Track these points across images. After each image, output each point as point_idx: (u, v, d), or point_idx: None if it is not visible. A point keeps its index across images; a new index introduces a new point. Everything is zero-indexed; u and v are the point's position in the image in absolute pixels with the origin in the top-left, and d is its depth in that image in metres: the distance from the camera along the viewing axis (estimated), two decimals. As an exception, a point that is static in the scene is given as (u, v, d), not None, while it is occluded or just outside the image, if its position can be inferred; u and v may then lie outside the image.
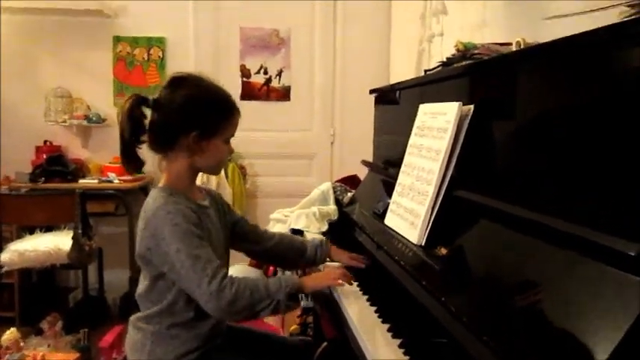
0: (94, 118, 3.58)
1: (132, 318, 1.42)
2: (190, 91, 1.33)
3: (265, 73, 3.81)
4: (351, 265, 1.59)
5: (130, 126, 1.33)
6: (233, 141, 1.42)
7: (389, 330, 1.14)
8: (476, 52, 1.60)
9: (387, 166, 2.04)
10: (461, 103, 1.35)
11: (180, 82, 1.35)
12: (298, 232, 2.22)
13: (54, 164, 3.36)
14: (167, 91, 1.34)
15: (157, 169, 1.40)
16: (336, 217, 2.26)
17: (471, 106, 1.34)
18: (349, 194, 2.45)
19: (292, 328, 2.71)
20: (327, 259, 1.65)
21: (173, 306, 1.32)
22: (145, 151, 1.38)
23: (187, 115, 1.31)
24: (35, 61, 3.66)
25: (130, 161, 1.36)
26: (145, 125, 1.35)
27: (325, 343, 1.86)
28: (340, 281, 1.39)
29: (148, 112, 1.37)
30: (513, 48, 1.41)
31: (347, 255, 1.65)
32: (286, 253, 1.61)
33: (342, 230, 2.11)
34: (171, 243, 1.23)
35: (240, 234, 1.56)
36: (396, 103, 2.10)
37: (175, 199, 1.30)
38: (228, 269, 1.50)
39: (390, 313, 1.23)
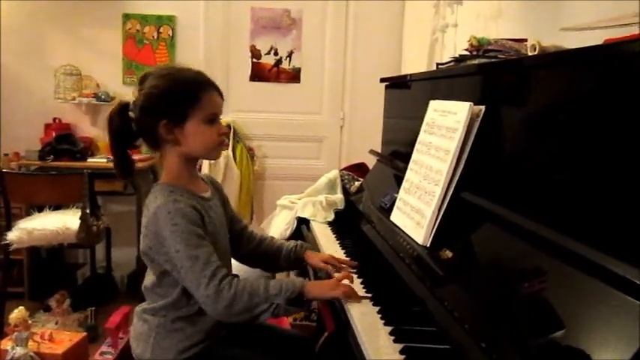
0: (103, 97, 3.56)
1: (138, 309, 1.42)
2: (151, 83, 1.31)
3: (276, 54, 3.77)
4: (325, 269, 1.53)
5: (111, 134, 1.34)
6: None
7: (391, 333, 1.14)
8: (490, 48, 1.56)
9: (394, 157, 2.03)
10: (472, 103, 1.33)
11: (145, 78, 1.34)
12: (304, 220, 2.23)
13: (63, 142, 3.36)
14: (137, 91, 1.34)
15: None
16: (342, 207, 2.26)
17: (482, 107, 1.32)
18: (357, 183, 2.44)
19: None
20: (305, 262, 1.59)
21: (179, 300, 1.32)
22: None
23: (152, 107, 1.29)
24: (45, 38, 3.64)
25: (117, 167, 1.38)
26: (132, 129, 1.33)
27: (326, 334, 1.87)
28: (347, 293, 1.30)
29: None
30: (528, 47, 1.37)
31: (319, 258, 1.56)
32: (264, 256, 1.59)
33: (348, 219, 2.10)
34: (172, 244, 1.23)
35: (233, 233, 1.54)
36: (406, 94, 2.07)
37: (176, 197, 1.28)
38: (231, 261, 1.51)
39: (393, 314, 1.22)
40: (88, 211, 2.90)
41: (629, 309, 0.74)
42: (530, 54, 1.33)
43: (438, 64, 1.85)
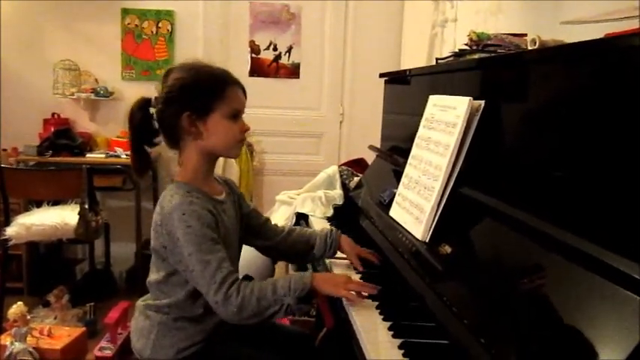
0: (101, 92, 3.56)
1: (140, 303, 1.41)
2: (177, 76, 1.31)
3: (275, 49, 3.76)
4: (355, 265, 1.53)
5: (131, 129, 1.35)
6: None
7: (390, 328, 1.14)
8: (489, 42, 1.56)
9: (394, 152, 2.02)
10: (471, 98, 1.32)
11: (170, 71, 1.34)
12: (303, 216, 2.22)
13: (61, 138, 3.36)
14: (161, 85, 1.33)
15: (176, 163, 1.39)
16: (341, 202, 2.26)
17: (482, 102, 1.32)
18: (356, 178, 2.44)
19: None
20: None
21: (184, 302, 1.32)
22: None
23: (176, 99, 1.29)
24: (43, 33, 3.62)
25: (134, 163, 1.39)
26: (153, 125, 1.33)
27: (325, 329, 1.87)
28: (354, 295, 1.27)
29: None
30: (528, 42, 1.37)
31: (356, 249, 1.56)
32: (295, 247, 1.56)
33: (347, 215, 2.10)
34: (184, 246, 1.22)
35: (252, 228, 1.53)
36: (406, 89, 2.06)
37: (191, 199, 1.27)
38: (238, 264, 1.49)
39: (391, 310, 1.22)
40: (86, 206, 2.89)
41: (629, 304, 0.74)
42: (530, 48, 1.32)
43: (437, 59, 1.84)
